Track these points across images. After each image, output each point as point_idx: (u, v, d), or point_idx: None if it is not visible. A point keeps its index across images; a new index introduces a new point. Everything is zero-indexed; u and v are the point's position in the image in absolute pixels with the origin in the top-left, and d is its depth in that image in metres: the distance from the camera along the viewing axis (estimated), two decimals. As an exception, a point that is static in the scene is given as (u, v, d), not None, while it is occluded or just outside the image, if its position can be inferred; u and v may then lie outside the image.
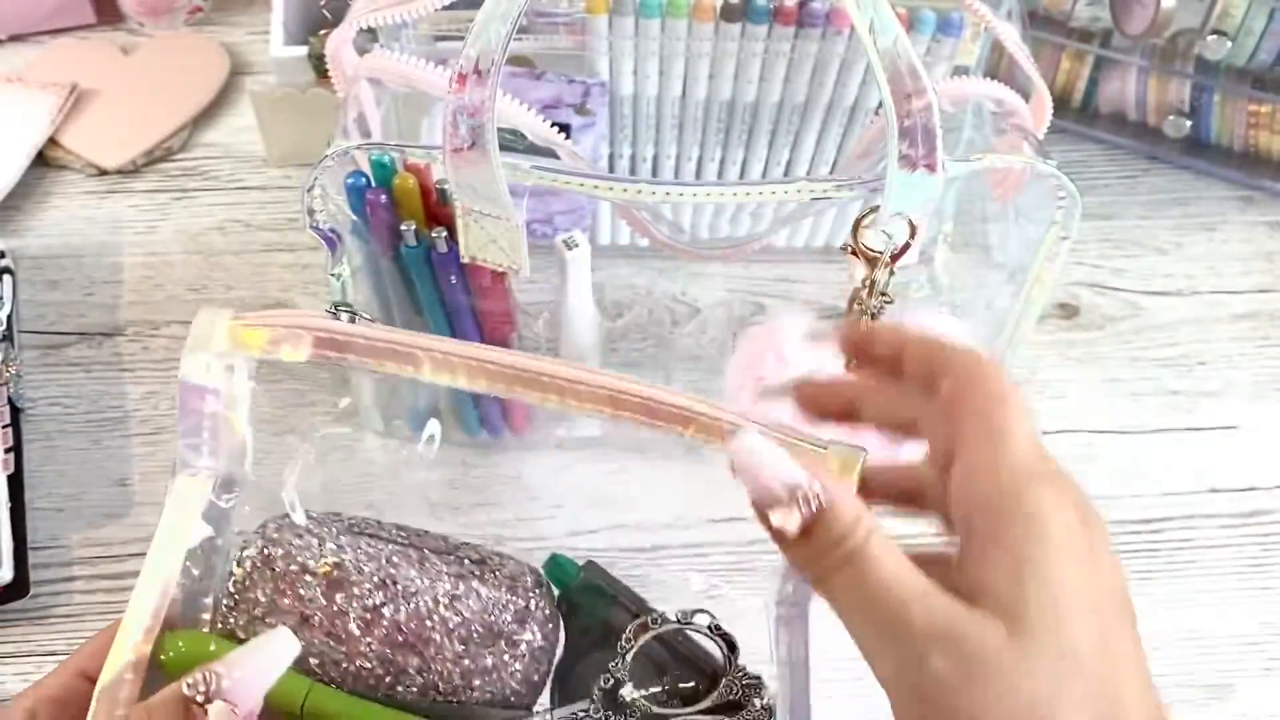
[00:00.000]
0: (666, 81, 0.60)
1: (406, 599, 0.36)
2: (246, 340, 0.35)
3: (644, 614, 0.38)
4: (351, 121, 0.50)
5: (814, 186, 0.47)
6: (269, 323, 0.35)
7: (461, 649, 0.36)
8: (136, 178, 0.77)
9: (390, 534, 0.38)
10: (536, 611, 0.37)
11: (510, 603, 0.37)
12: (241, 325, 0.35)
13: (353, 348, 0.35)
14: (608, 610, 0.39)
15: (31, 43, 0.84)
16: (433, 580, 0.36)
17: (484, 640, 0.36)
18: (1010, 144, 0.51)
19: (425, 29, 0.60)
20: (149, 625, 0.35)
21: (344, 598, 0.36)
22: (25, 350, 0.68)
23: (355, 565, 0.36)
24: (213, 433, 0.35)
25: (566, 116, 0.59)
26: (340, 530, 0.37)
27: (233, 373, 0.35)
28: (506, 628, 0.37)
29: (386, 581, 0.36)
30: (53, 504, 0.63)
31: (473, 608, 0.36)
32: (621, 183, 0.47)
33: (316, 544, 0.36)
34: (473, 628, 0.36)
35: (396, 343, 0.35)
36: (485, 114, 0.43)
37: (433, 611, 0.36)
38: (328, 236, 0.52)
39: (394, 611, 0.36)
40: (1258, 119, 0.74)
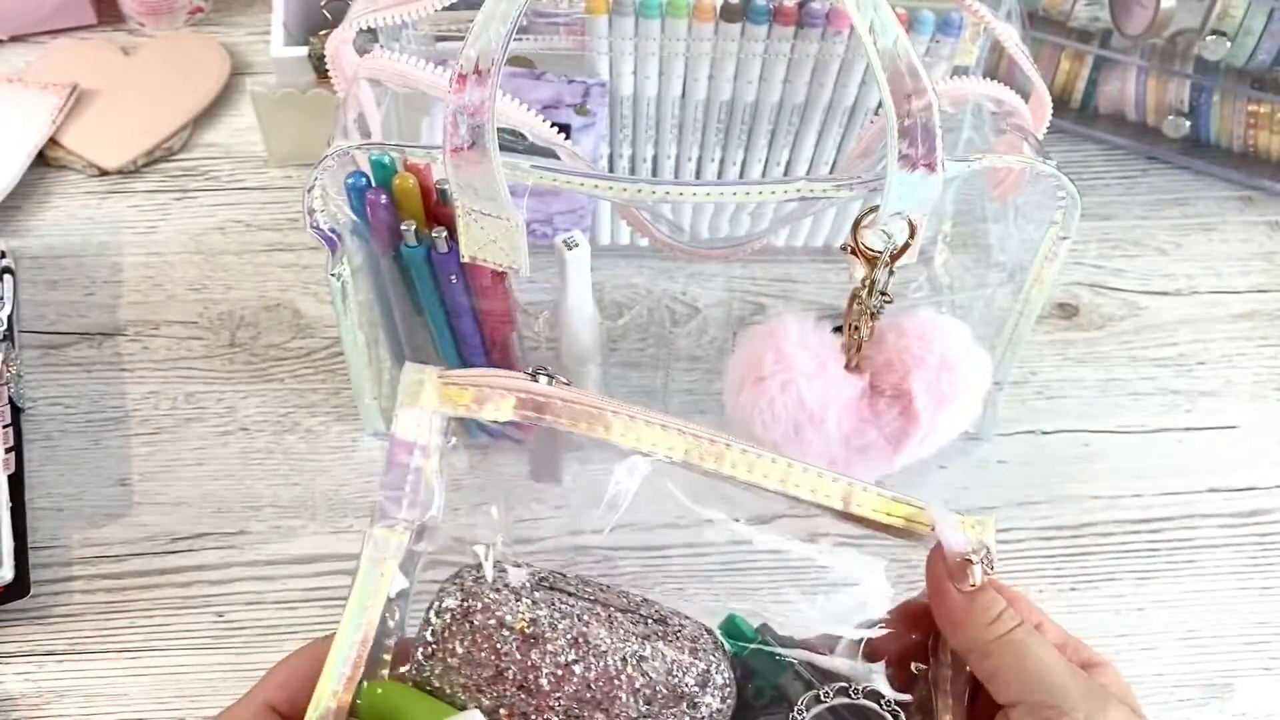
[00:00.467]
0: (666, 82, 0.60)
1: (597, 658, 0.37)
2: (454, 399, 0.38)
3: (816, 683, 0.39)
4: (351, 121, 0.50)
5: (814, 186, 0.47)
6: (475, 382, 0.37)
7: (645, 708, 0.37)
8: (137, 178, 0.77)
9: (577, 588, 0.38)
10: (716, 675, 0.38)
11: (692, 665, 0.37)
12: (449, 384, 0.37)
13: (550, 409, 0.38)
14: (780, 676, 0.39)
15: (32, 43, 0.84)
16: (622, 640, 0.37)
17: (667, 701, 0.37)
18: (1010, 144, 0.51)
19: (425, 29, 0.61)
20: (349, 675, 0.36)
21: (538, 654, 0.36)
22: (26, 350, 0.68)
23: (550, 622, 0.37)
24: (414, 486, 0.37)
25: (566, 117, 0.59)
26: (532, 585, 0.38)
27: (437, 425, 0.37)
28: (689, 690, 0.37)
29: (579, 640, 0.37)
30: (53, 504, 0.63)
31: (658, 669, 0.37)
32: (621, 182, 0.47)
33: (513, 599, 0.37)
34: (657, 689, 0.37)
35: (592, 404, 0.38)
36: (485, 114, 0.43)
37: (621, 671, 0.37)
38: (328, 236, 0.52)
39: (584, 669, 0.37)
40: (1257, 119, 0.74)
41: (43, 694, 0.57)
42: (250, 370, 0.68)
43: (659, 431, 0.39)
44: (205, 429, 0.66)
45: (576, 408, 0.38)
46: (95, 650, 0.58)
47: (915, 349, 0.51)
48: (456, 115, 0.44)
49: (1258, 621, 0.60)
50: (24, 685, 0.57)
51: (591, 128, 0.59)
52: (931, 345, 0.51)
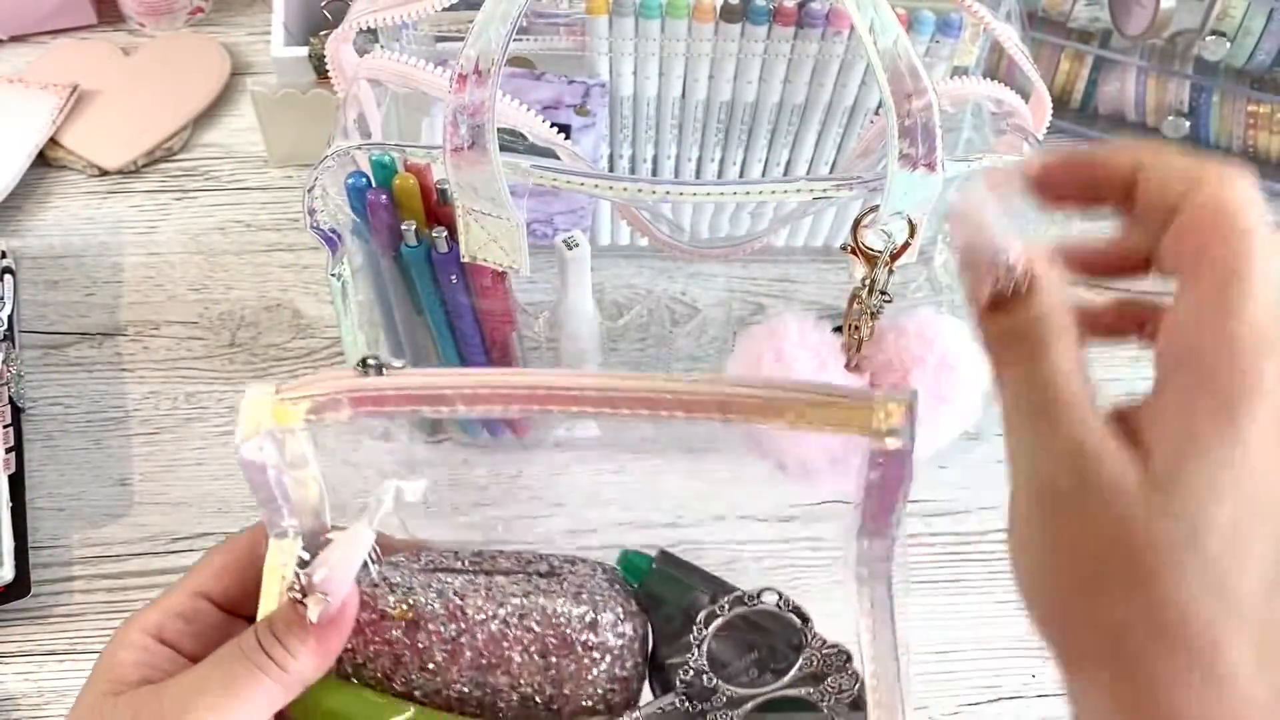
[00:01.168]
0: (666, 82, 0.60)
1: (478, 626, 0.38)
2: (292, 416, 0.38)
3: (720, 595, 0.39)
4: (352, 121, 0.50)
5: (813, 186, 0.47)
6: (307, 394, 0.37)
7: (543, 661, 0.38)
8: (137, 178, 0.77)
9: (463, 565, 0.40)
10: (605, 615, 0.38)
11: (575, 610, 0.38)
12: (283, 402, 0.37)
13: (388, 400, 0.38)
14: (685, 597, 0.40)
15: (32, 43, 0.84)
16: (499, 604, 0.38)
17: (560, 649, 0.38)
18: (1010, 144, 0.51)
19: (426, 29, 0.61)
20: None
21: (424, 635, 0.38)
22: (26, 350, 0.68)
23: (427, 603, 0.38)
24: (284, 495, 0.38)
25: (566, 117, 0.59)
26: (416, 570, 0.39)
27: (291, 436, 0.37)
28: (577, 635, 0.38)
29: (455, 614, 0.38)
30: (53, 504, 0.63)
31: (541, 623, 0.38)
32: (621, 182, 0.47)
33: (388, 592, 0.39)
34: (547, 641, 0.38)
35: (427, 387, 0.37)
36: (485, 114, 0.43)
37: (505, 634, 0.38)
38: (328, 236, 0.52)
39: (470, 639, 0.38)
40: (1256, 119, 0.74)
41: (43, 694, 0.57)
42: (250, 370, 0.68)
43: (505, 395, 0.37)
44: (206, 429, 0.66)
45: (415, 394, 0.37)
46: (95, 650, 0.58)
47: (915, 349, 0.51)
48: (456, 115, 0.44)
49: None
50: (24, 685, 0.57)
51: (592, 128, 0.59)
52: (931, 345, 0.51)
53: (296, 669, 0.36)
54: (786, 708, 0.38)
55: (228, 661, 0.36)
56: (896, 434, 0.34)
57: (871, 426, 0.34)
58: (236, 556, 0.40)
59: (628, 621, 0.39)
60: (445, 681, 0.38)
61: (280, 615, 0.37)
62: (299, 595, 0.36)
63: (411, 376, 0.37)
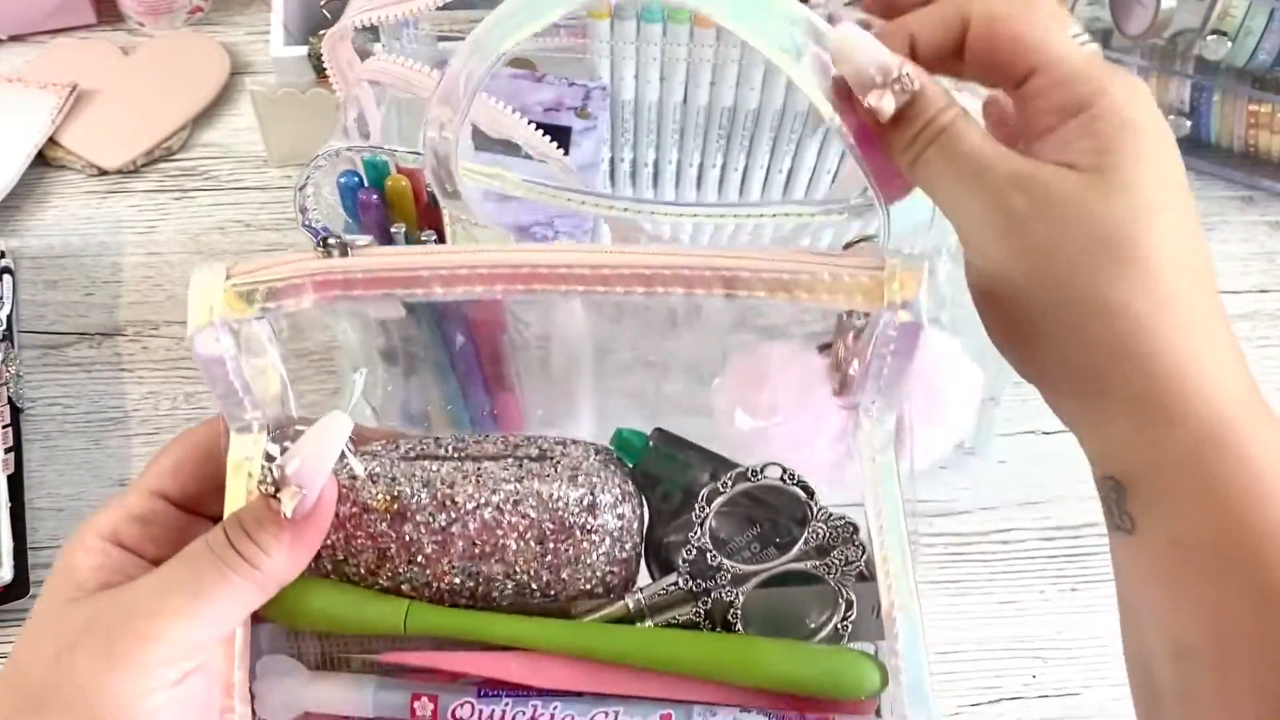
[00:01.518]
0: (668, 87, 0.60)
1: (470, 514, 0.36)
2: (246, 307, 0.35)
3: (720, 472, 0.37)
4: (352, 121, 0.50)
5: (801, 210, 0.46)
6: (263, 279, 0.34)
7: (539, 547, 0.37)
8: (136, 178, 0.77)
9: (447, 451, 0.38)
10: (604, 496, 0.37)
11: (572, 493, 0.37)
12: (237, 286, 0.34)
13: (356, 284, 0.35)
14: (684, 475, 0.38)
15: (31, 43, 0.84)
16: (491, 490, 0.37)
17: (559, 535, 0.37)
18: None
19: (427, 28, 0.60)
20: None
21: (411, 527, 0.36)
22: (25, 350, 0.68)
23: (413, 494, 0.37)
24: (244, 387, 0.36)
25: (567, 119, 0.59)
26: (397, 459, 0.37)
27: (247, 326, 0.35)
28: (575, 519, 0.37)
29: (445, 503, 0.37)
30: (53, 504, 0.63)
31: (535, 507, 0.37)
32: (605, 198, 0.46)
33: (370, 485, 0.37)
34: (544, 525, 0.36)
35: (399, 268, 0.35)
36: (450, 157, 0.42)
37: (499, 521, 0.36)
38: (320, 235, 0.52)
39: (462, 528, 0.36)
40: (1257, 119, 0.74)
41: (43, 695, 0.57)
42: (250, 370, 0.68)
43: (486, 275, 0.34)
44: (205, 429, 0.66)
45: (385, 276, 0.35)
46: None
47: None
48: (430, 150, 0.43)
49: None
50: (24, 686, 0.57)
51: (593, 131, 0.59)
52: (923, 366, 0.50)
53: (270, 567, 0.34)
54: (793, 582, 0.37)
55: (195, 561, 0.34)
56: (909, 306, 0.34)
57: (884, 299, 0.34)
58: (192, 451, 0.38)
59: (625, 502, 0.37)
60: (436, 574, 0.37)
61: (251, 510, 0.34)
62: (271, 489, 0.33)
63: (381, 256, 0.35)
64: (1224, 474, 0.31)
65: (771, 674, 0.36)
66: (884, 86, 0.33)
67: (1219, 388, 0.31)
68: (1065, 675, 0.58)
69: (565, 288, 0.34)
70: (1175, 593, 0.32)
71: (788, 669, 0.36)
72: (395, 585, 0.37)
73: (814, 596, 0.37)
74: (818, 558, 0.37)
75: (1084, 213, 0.31)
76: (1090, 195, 0.31)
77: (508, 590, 0.37)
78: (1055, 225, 0.31)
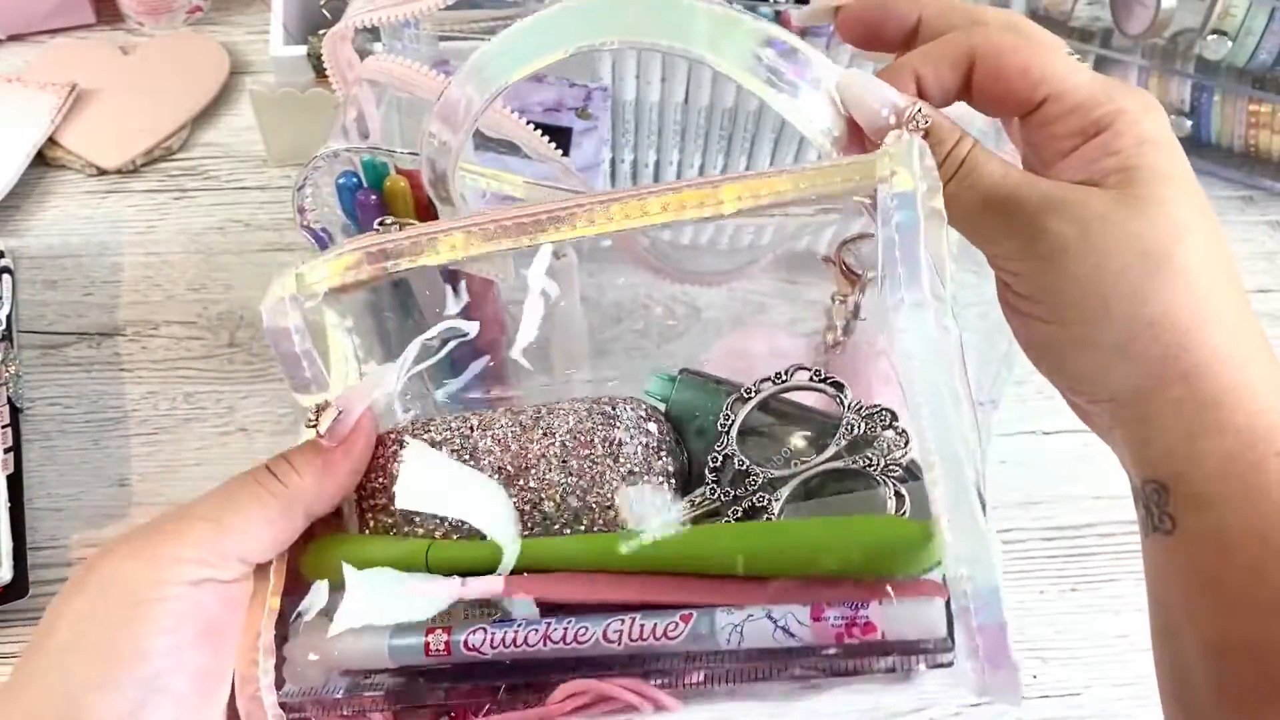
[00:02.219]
0: (669, 87, 0.60)
1: (499, 442, 0.37)
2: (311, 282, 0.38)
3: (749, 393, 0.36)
4: (351, 121, 0.50)
5: (797, 211, 0.46)
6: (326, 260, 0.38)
7: (563, 467, 0.37)
8: (136, 178, 0.77)
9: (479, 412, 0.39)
10: (625, 416, 0.37)
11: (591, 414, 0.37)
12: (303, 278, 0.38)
13: (394, 252, 0.38)
14: (715, 403, 0.37)
15: (31, 43, 0.84)
16: (515, 415, 0.38)
17: (582, 451, 0.37)
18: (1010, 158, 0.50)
19: (429, 28, 0.60)
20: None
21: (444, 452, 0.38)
22: (25, 350, 0.68)
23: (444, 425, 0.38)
24: (310, 360, 0.38)
25: (568, 120, 0.59)
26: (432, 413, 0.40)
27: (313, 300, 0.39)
28: (597, 432, 0.37)
29: (474, 432, 0.38)
30: (52, 504, 0.63)
31: (565, 431, 0.37)
32: None
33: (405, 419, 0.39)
34: (572, 447, 0.37)
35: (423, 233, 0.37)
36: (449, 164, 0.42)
37: (528, 447, 0.37)
38: (318, 235, 0.51)
39: (491, 457, 0.37)
40: (1258, 119, 0.74)
41: (42, 695, 0.57)
42: (250, 370, 0.68)
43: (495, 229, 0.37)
44: (205, 429, 0.65)
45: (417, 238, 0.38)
46: (95, 651, 0.58)
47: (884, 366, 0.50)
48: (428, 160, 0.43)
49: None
50: (23, 686, 0.57)
51: (593, 131, 0.59)
52: None
53: (298, 485, 0.35)
54: (833, 482, 0.35)
55: (232, 483, 0.36)
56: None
57: (876, 176, 0.32)
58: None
59: (651, 421, 0.37)
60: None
61: (296, 446, 0.37)
62: (313, 420, 0.36)
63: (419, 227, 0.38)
64: (1267, 472, 0.31)
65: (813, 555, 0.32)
66: (898, 126, 0.33)
67: (1262, 390, 0.32)
68: (1065, 675, 0.58)
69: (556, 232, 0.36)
70: (1216, 590, 0.32)
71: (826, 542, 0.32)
72: (429, 531, 0.37)
73: (859, 501, 0.34)
74: (854, 452, 0.34)
75: (1122, 230, 0.32)
76: (1126, 213, 0.32)
77: (537, 517, 0.37)
78: (1095, 245, 0.32)
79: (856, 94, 0.34)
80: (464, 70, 0.40)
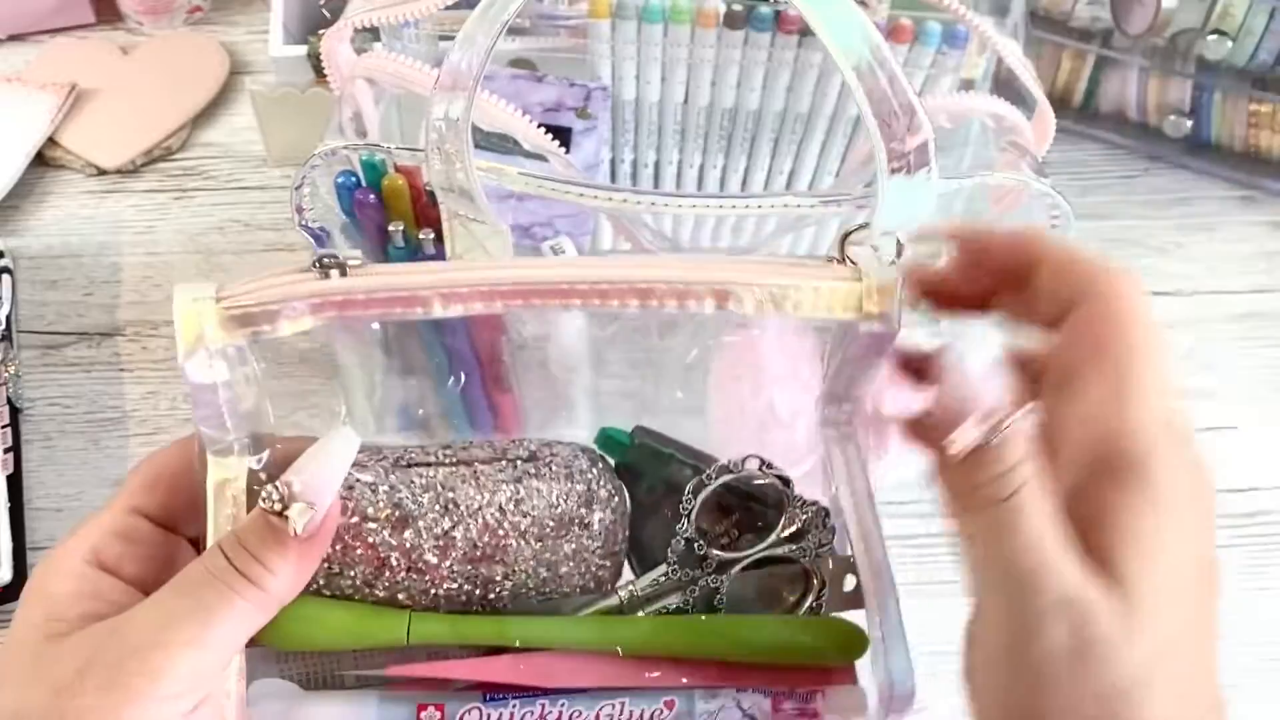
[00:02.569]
0: (669, 87, 0.60)
1: (473, 516, 0.36)
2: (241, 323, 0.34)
3: (701, 466, 0.39)
4: (346, 120, 0.50)
5: (799, 202, 0.46)
6: (258, 300, 0.33)
7: (539, 545, 0.37)
8: (136, 178, 0.77)
9: (437, 457, 0.38)
10: (600, 490, 0.38)
11: (571, 490, 0.37)
12: (230, 310, 0.33)
13: (353, 305, 0.34)
14: (666, 469, 0.40)
15: (31, 43, 0.84)
16: (492, 492, 0.37)
17: (557, 531, 0.37)
18: (1010, 162, 0.50)
19: (428, 28, 0.60)
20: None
21: (412, 533, 0.36)
22: (24, 350, 0.68)
23: (414, 500, 0.36)
24: (231, 410, 0.35)
25: (568, 120, 0.59)
26: (388, 469, 0.37)
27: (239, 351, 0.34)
28: (575, 513, 0.37)
29: (449, 506, 0.36)
30: (52, 504, 0.63)
31: (538, 505, 0.37)
32: (605, 191, 0.46)
33: (369, 492, 0.36)
34: (544, 524, 0.37)
35: (400, 288, 0.34)
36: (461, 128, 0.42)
37: (501, 521, 0.37)
38: (316, 234, 0.51)
39: (465, 531, 0.36)
40: (1258, 119, 0.74)
41: (42, 696, 0.57)
42: (250, 371, 0.68)
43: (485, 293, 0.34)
44: (205, 430, 0.65)
45: (383, 296, 0.34)
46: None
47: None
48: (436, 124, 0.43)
49: (1259, 622, 0.60)
50: (23, 687, 0.57)
51: (593, 131, 0.59)
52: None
53: (276, 586, 0.33)
54: (770, 564, 0.40)
55: (195, 586, 0.32)
56: (883, 319, 0.35)
57: (861, 309, 0.35)
58: (167, 467, 0.37)
59: (616, 496, 0.38)
60: (434, 579, 0.36)
61: (253, 529, 0.33)
62: (278, 506, 0.32)
63: (379, 275, 0.34)
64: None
65: (767, 646, 0.38)
66: (977, 425, 0.30)
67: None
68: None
69: (563, 302, 0.34)
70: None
71: (783, 639, 0.38)
72: (391, 595, 0.36)
73: (788, 578, 0.40)
74: (794, 542, 0.39)
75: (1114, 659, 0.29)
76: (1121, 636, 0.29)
77: (504, 591, 0.37)
78: (1088, 671, 0.29)
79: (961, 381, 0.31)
80: (457, 42, 0.40)
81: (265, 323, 0.33)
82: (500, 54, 0.58)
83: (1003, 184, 0.48)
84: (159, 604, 0.32)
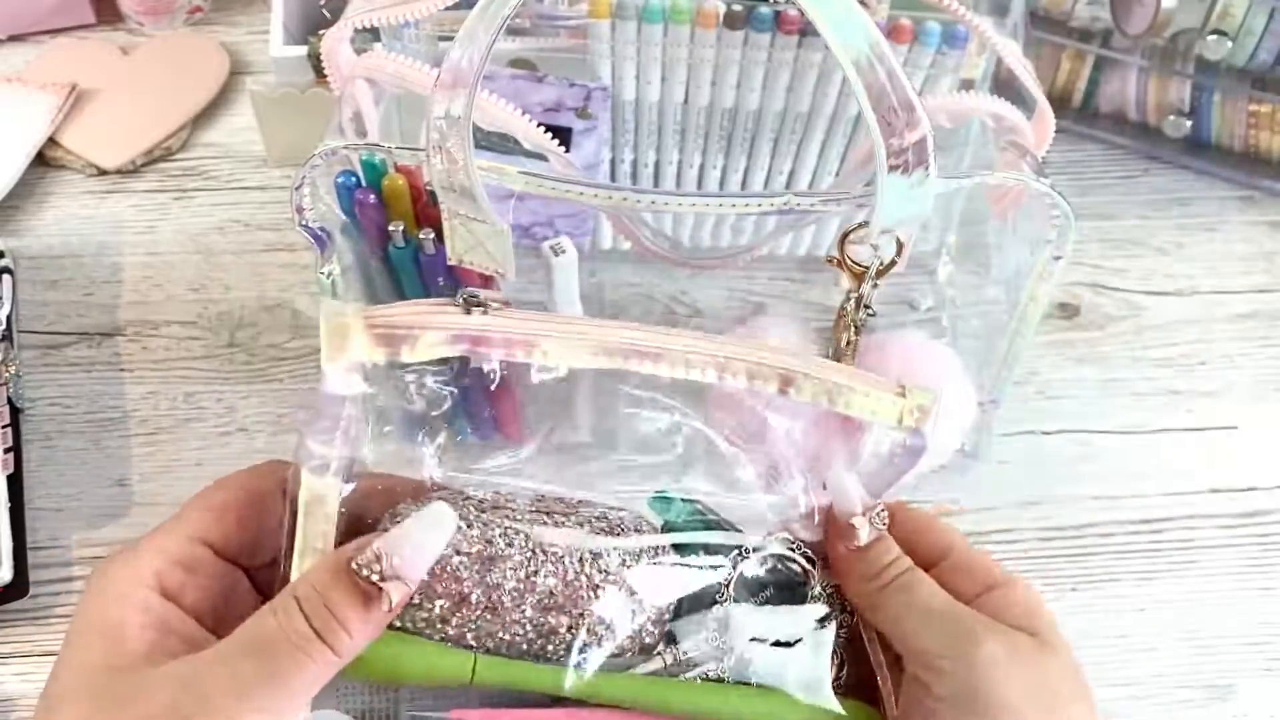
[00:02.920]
0: (669, 88, 0.60)
1: (555, 563, 0.37)
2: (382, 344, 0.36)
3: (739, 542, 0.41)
4: (346, 120, 0.50)
5: (800, 200, 0.46)
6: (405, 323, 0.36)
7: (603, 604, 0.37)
8: (136, 178, 0.77)
9: (518, 505, 0.39)
10: (664, 557, 0.39)
11: (643, 551, 0.38)
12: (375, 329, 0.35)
13: (487, 342, 0.37)
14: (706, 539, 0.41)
15: (31, 43, 0.84)
16: (577, 543, 0.38)
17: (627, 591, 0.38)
18: (1009, 161, 0.50)
19: (428, 29, 0.60)
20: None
21: (499, 572, 0.37)
22: (25, 350, 0.68)
23: (504, 539, 0.37)
24: (345, 430, 0.36)
25: (568, 120, 0.59)
26: (474, 508, 0.38)
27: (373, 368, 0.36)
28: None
29: (536, 551, 0.37)
30: (52, 504, 0.63)
31: (613, 563, 0.38)
32: (605, 189, 0.46)
33: (463, 525, 0.37)
34: (616, 582, 0.38)
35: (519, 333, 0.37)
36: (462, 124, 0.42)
37: (580, 572, 0.37)
38: (316, 235, 0.51)
39: (545, 577, 0.37)
40: (1258, 119, 0.74)
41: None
42: (250, 370, 0.68)
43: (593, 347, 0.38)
44: (205, 429, 0.66)
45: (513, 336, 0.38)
46: (95, 651, 0.58)
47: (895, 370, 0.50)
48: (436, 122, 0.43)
49: (1259, 622, 0.60)
50: (24, 686, 0.57)
51: (593, 131, 0.59)
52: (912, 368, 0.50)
53: (350, 649, 0.33)
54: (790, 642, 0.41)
55: (269, 647, 0.32)
56: (918, 433, 0.40)
57: (900, 421, 0.40)
58: (237, 497, 0.37)
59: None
60: (504, 623, 0.37)
61: (340, 591, 0.33)
62: (376, 578, 0.33)
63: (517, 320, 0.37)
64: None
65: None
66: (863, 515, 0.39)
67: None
68: (1065, 675, 0.58)
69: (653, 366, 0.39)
70: None
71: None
72: (461, 634, 0.37)
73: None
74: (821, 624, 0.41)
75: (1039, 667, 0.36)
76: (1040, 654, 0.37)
77: (562, 645, 0.37)
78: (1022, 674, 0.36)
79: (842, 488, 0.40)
80: (457, 40, 0.40)
81: (405, 345, 0.36)
82: (500, 54, 0.58)
83: (1002, 184, 0.48)
84: (231, 662, 0.32)
